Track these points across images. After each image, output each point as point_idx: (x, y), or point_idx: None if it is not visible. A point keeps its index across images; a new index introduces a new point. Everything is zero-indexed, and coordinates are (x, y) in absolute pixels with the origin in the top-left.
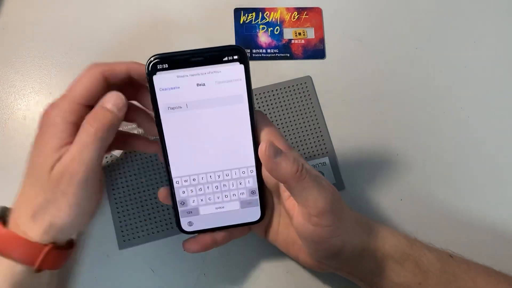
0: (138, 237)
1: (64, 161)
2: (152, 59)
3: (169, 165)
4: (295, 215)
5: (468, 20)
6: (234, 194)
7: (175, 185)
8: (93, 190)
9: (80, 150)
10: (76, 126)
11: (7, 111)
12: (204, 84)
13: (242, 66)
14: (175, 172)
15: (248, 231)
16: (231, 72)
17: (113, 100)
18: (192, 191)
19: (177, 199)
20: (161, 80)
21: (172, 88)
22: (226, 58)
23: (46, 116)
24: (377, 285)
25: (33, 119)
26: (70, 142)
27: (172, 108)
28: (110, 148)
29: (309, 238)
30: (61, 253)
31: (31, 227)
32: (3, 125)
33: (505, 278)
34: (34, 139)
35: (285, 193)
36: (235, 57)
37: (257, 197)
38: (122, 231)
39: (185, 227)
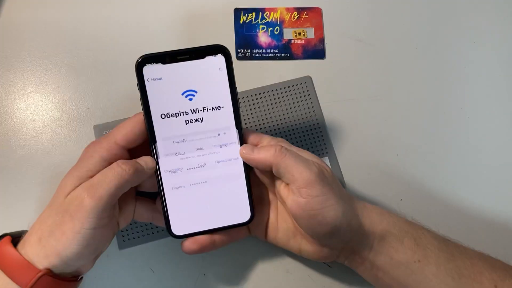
0: (138, 237)
1: (81, 187)
2: (140, 60)
3: (157, 156)
4: (289, 197)
5: (468, 20)
6: (223, 195)
7: (163, 181)
8: (102, 223)
9: (100, 180)
10: (107, 163)
11: (7, 111)
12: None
13: (223, 58)
14: (163, 166)
15: (247, 233)
16: (214, 63)
17: (147, 160)
18: (181, 191)
19: (167, 200)
20: (149, 72)
21: (159, 79)
22: (208, 54)
23: (86, 148)
24: (377, 264)
25: (32, 120)
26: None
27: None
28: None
29: (303, 214)
30: (58, 283)
31: (35, 249)
32: (3, 125)
33: (502, 264)
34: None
35: (278, 181)
36: (218, 53)
37: (246, 198)
38: (122, 231)
39: (175, 231)
